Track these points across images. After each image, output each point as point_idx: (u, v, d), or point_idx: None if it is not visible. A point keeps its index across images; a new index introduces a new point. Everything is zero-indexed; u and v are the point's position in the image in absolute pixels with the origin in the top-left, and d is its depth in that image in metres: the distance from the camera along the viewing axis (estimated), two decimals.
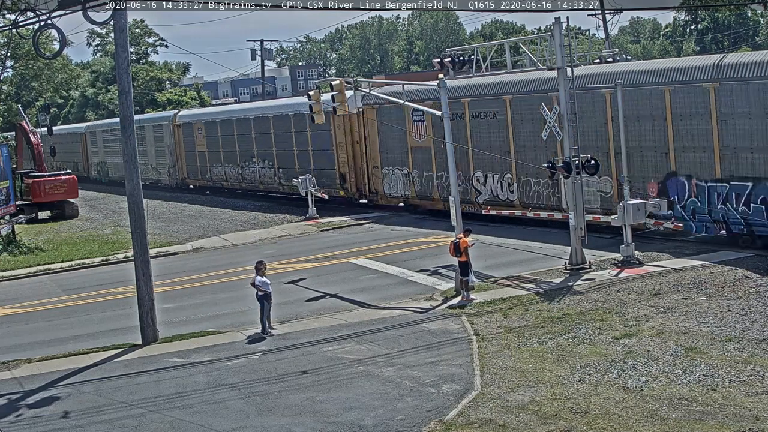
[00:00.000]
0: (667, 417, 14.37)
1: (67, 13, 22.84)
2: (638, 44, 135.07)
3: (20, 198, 48.82)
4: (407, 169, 38.13)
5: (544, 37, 27.45)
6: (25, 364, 21.13)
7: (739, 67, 25.13)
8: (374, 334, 20.87)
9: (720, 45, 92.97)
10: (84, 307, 27.14)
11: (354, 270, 28.77)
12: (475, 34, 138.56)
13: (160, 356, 20.81)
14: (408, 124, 37.50)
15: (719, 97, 25.56)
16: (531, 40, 31.97)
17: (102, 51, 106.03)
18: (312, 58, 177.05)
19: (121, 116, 22.69)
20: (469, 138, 34.12)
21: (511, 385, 16.52)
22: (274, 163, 47.83)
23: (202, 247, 36.34)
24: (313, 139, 43.87)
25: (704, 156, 26.29)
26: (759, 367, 16.12)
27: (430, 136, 36.41)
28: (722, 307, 20.20)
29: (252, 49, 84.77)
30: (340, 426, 15.39)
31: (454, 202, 25.03)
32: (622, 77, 27.59)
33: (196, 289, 28.15)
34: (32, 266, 34.52)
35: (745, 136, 25.09)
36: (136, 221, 22.35)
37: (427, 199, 37.44)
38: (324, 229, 37.74)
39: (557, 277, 24.70)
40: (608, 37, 60.55)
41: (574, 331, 19.43)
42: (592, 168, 25.55)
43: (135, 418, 16.75)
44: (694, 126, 26.46)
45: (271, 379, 18.32)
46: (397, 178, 39.04)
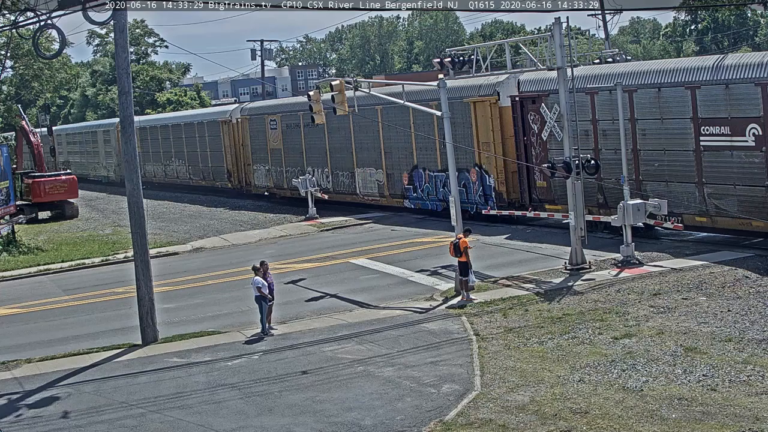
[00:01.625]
0: (667, 417, 14.37)
1: (67, 13, 22.86)
2: (638, 44, 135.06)
3: (20, 198, 48.83)
4: (268, 165, 48.23)
5: (544, 37, 27.45)
6: (25, 364, 21.13)
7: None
8: (374, 334, 20.88)
9: (720, 45, 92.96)
10: (84, 307, 27.14)
11: (354, 270, 28.77)
12: (475, 34, 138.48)
13: (160, 356, 20.81)
14: (267, 130, 47.69)
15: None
16: (531, 41, 31.96)
17: (102, 51, 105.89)
18: (312, 58, 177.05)
19: (121, 116, 22.70)
20: (328, 142, 42.97)
21: (511, 385, 16.52)
22: (185, 161, 57.93)
23: (202, 247, 36.34)
24: (210, 142, 54.10)
25: (431, 154, 36.41)
26: (759, 367, 16.12)
27: (280, 140, 46.56)
28: (722, 307, 20.20)
29: (252, 49, 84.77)
30: (340, 426, 15.39)
31: (454, 202, 25.04)
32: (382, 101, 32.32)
33: (196, 289, 28.15)
34: (32, 266, 34.52)
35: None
36: (136, 221, 22.36)
37: (281, 189, 47.46)
38: (324, 229, 37.74)
39: (557, 277, 24.70)
40: (608, 37, 60.56)
41: (574, 331, 19.43)
42: (593, 168, 25.63)
43: (135, 418, 16.75)
44: (422, 135, 35.85)
45: (271, 379, 18.33)
46: (262, 173, 49.19)
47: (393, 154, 38.79)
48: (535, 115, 31.38)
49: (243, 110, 51.02)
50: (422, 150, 37.14)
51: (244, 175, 50.97)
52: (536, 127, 31.43)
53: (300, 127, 44.44)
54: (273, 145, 47.34)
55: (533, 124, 31.56)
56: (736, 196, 25.49)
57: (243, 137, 50.39)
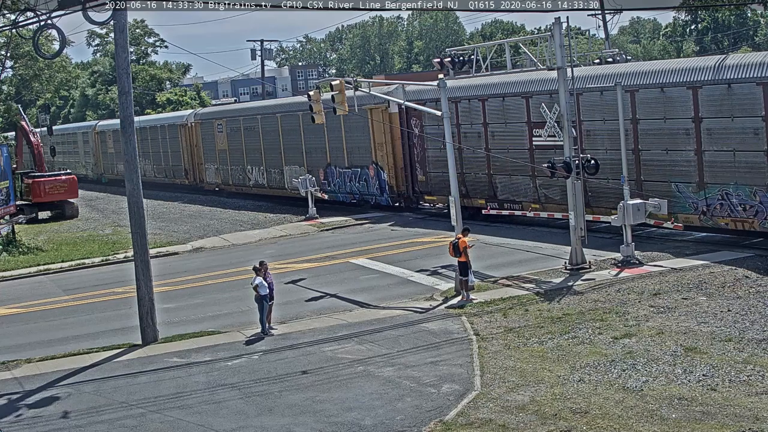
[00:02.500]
0: (667, 417, 14.37)
1: (67, 13, 22.83)
2: (638, 44, 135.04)
3: (20, 198, 48.81)
4: (217, 164, 54.00)
5: (544, 37, 27.46)
6: (25, 364, 21.13)
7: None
8: (374, 334, 20.88)
9: (720, 45, 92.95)
10: (84, 307, 27.14)
11: (354, 270, 28.77)
12: (475, 34, 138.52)
13: (160, 356, 20.81)
14: (215, 134, 53.57)
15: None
16: (531, 41, 32.00)
17: (102, 51, 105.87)
18: (312, 58, 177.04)
19: (121, 116, 22.68)
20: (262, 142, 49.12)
21: (511, 385, 16.52)
22: (151, 160, 63.23)
23: (202, 247, 36.33)
24: (171, 143, 59.89)
25: (341, 154, 42.21)
26: (759, 367, 16.12)
27: (226, 142, 52.32)
28: (722, 307, 20.20)
29: (252, 49, 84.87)
30: (340, 426, 15.39)
31: (454, 201, 25.03)
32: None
33: (196, 289, 28.15)
34: (32, 266, 34.51)
35: (353, 144, 41.51)
36: (136, 221, 22.35)
37: (227, 185, 53.15)
38: (324, 229, 37.74)
39: (557, 277, 24.69)
40: (608, 37, 60.55)
41: (574, 331, 19.43)
42: (592, 168, 25.63)
43: (135, 418, 16.75)
44: (334, 136, 41.98)
45: (271, 379, 18.33)
46: (212, 171, 55.00)
47: (312, 154, 44.55)
48: (417, 120, 37.31)
49: (197, 115, 57.47)
50: (334, 150, 42.86)
51: (198, 173, 57.19)
52: (417, 130, 37.44)
53: (241, 131, 50.84)
54: (220, 146, 53.29)
55: (414, 128, 37.53)
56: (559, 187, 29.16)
57: (197, 139, 56.34)
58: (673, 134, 27.06)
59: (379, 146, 39.46)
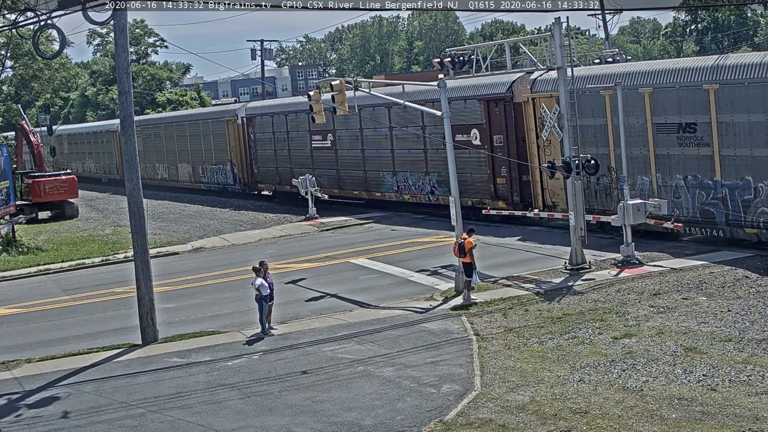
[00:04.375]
0: (667, 417, 14.37)
1: (67, 13, 22.83)
2: (638, 44, 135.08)
3: (20, 198, 48.81)
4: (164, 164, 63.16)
5: (544, 37, 27.46)
6: (25, 364, 21.13)
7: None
8: (374, 334, 20.88)
9: (720, 45, 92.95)
10: (84, 307, 27.14)
11: (354, 270, 28.77)
12: (475, 34, 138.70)
13: (160, 356, 20.81)
14: (143, 137, 59.88)
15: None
16: (531, 40, 31.99)
17: (102, 51, 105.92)
18: (312, 58, 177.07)
19: (121, 116, 22.67)
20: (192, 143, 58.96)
21: (511, 385, 16.52)
22: (99, 161, 73.23)
23: (202, 247, 36.33)
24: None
25: (211, 154, 54.74)
26: (759, 367, 16.12)
27: (143, 145, 56.76)
28: (722, 307, 20.20)
29: (252, 49, 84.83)
30: (340, 426, 15.39)
31: (454, 201, 25.01)
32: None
33: (196, 289, 28.15)
34: (32, 266, 34.51)
35: (219, 146, 53.95)
36: (136, 221, 22.35)
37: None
38: (324, 229, 37.74)
39: (557, 277, 24.70)
40: (608, 37, 60.55)
41: (574, 331, 19.43)
42: (593, 168, 25.63)
43: (135, 418, 16.75)
44: (207, 140, 54.75)
45: (271, 379, 18.33)
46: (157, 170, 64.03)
47: (195, 154, 56.45)
48: (252, 129, 50.26)
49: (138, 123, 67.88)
50: (207, 152, 54.89)
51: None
52: (253, 136, 50.23)
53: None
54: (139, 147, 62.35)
55: (251, 135, 50.42)
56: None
57: (142, 145, 62.03)
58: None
59: (233, 148, 52.48)
